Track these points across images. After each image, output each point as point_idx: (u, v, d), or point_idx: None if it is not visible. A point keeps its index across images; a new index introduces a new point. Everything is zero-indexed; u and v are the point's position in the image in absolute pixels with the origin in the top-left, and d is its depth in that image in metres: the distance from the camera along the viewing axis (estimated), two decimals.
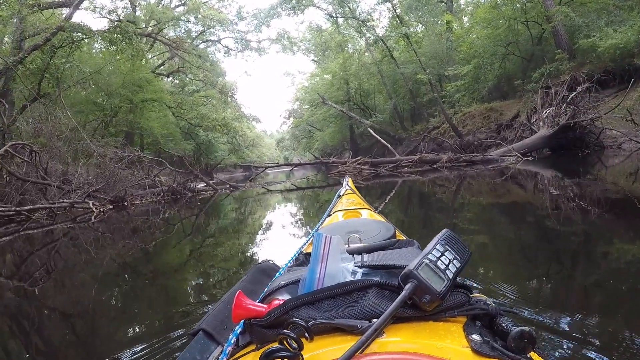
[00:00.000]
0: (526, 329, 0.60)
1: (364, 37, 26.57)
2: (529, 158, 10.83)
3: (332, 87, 29.11)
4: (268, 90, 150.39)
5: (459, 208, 5.42)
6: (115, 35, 14.48)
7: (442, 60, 20.79)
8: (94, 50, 18.48)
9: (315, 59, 37.93)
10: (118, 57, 16.05)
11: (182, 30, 26.10)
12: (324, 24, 32.43)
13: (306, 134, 41.68)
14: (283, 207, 8.49)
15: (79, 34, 14.20)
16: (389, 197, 7.21)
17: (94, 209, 6.92)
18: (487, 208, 5.26)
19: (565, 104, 10.58)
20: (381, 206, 5.52)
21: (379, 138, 15.10)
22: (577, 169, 8.28)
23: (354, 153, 21.61)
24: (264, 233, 5.23)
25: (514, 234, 3.66)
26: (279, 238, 4.75)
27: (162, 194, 9.16)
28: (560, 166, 9.37)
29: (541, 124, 11.10)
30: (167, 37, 19.69)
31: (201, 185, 10.56)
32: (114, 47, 15.02)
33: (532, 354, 0.62)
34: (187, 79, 26.65)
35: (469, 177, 9.08)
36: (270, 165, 16.71)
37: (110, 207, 8.10)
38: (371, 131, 16.99)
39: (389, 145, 14.19)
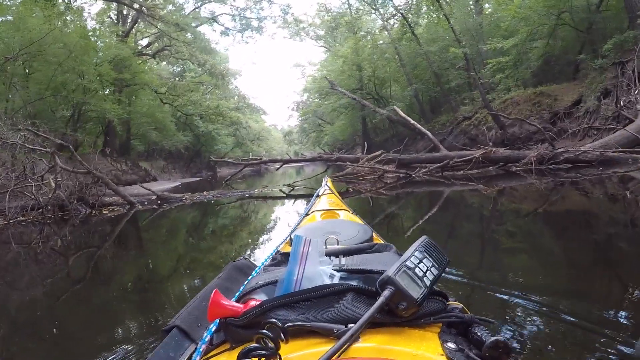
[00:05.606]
0: (501, 338, 0.58)
1: (378, 14, 22.83)
2: None
3: (343, 74, 25.46)
4: (279, 83, 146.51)
5: None
6: None
7: (473, 38, 17.12)
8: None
9: (325, 45, 34.56)
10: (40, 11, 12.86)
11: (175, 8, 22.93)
12: (335, 7, 28.99)
13: (315, 127, 38.87)
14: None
15: None
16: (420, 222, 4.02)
17: None
18: None
19: None
20: None
21: (413, 122, 11.13)
22: None
23: (367, 149, 17.94)
24: None
25: None
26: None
27: (40, 209, 5.77)
28: None
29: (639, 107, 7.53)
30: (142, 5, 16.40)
31: (112, 197, 7.02)
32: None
33: None
34: (172, 58, 23.35)
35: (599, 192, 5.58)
36: (253, 162, 13.31)
37: None
38: (399, 111, 12.68)
39: (429, 134, 10.36)
